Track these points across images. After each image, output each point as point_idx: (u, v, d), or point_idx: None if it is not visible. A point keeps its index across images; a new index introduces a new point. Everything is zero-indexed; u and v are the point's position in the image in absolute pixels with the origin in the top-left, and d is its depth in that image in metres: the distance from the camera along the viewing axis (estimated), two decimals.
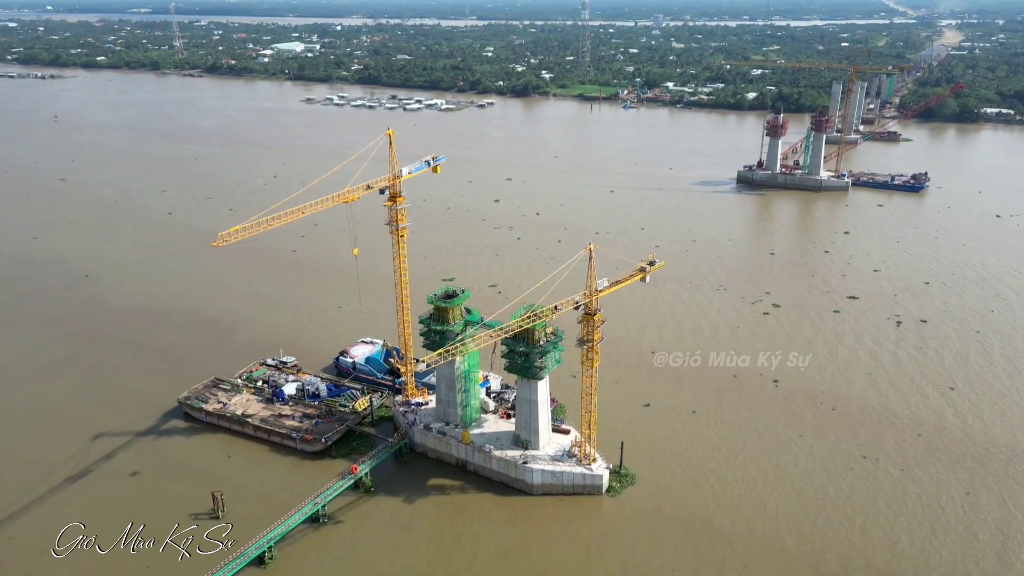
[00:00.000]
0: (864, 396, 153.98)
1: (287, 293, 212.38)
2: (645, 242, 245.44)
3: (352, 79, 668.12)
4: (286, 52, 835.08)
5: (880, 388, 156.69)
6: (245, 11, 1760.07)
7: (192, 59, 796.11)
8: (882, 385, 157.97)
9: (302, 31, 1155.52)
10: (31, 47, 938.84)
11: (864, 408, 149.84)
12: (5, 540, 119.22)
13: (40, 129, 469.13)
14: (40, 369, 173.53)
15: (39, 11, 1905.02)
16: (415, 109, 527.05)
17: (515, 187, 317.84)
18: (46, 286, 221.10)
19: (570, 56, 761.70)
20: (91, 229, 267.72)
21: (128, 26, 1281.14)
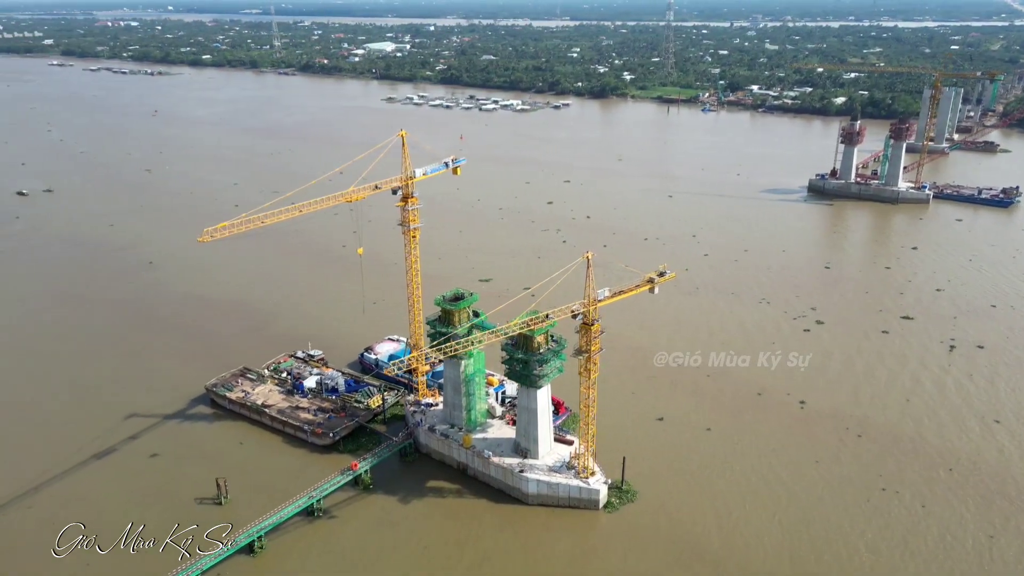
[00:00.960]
0: (897, 424, 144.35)
1: (327, 287, 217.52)
2: (694, 250, 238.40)
3: (435, 79, 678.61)
4: (376, 52, 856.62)
5: (916, 416, 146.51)
6: (348, 12, 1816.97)
7: (288, 58, 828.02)
8: (919, 413, 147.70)
9: (397, 31, 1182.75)
10: (146, 45, 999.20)
11: (895, 436, 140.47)
12: (25, 509, 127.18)
13: (139, 123, 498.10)
14: (91, 348, 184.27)
15: (160, 11, 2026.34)
16: (490, 109, 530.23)
17: (572, 189, 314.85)
18: (113, 271, 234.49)
19: (656, 57, 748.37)
20: (162, 219, 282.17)
21: (237, 26, 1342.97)
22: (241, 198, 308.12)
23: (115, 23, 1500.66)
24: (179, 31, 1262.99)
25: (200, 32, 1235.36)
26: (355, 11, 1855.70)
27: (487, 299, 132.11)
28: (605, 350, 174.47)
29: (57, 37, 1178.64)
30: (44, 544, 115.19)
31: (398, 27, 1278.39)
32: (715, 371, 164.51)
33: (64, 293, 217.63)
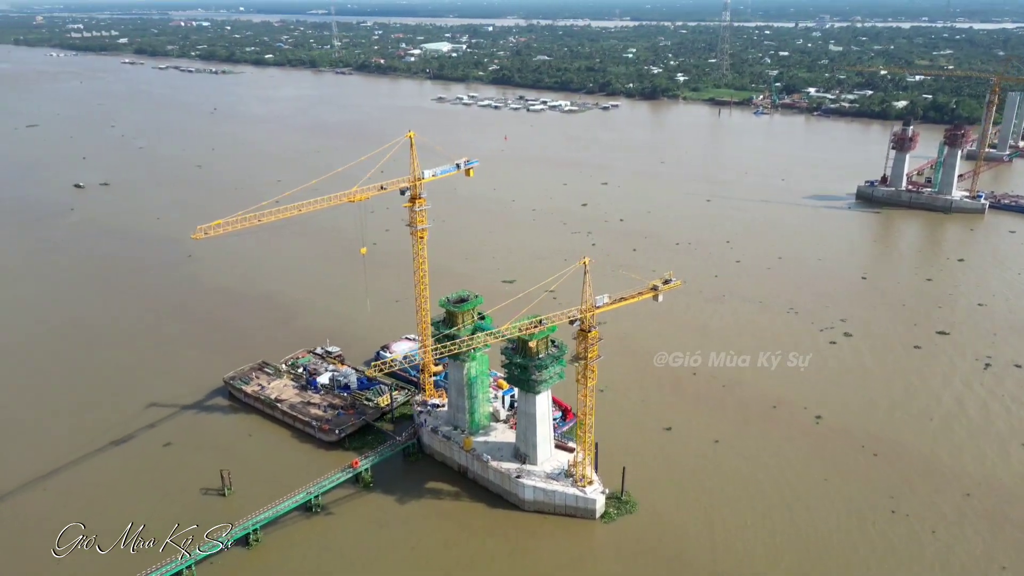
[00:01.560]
0: (916, 444, 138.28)
1: (354, 284, 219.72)
2: (727, 256, 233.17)
3: (487, 79, 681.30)
4: (432, 52, 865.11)
5: (937, 436, 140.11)
6: (411, 12, 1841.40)
7: (346, 58, 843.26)
8: (941, 433, 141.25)
9: (455, 31, 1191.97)
10: (213, 45, 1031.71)
11: (912, 457, 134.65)
12: (34, 494, 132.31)
13: (198, 120, 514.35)
14: (122, 337, 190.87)
15: (232, 11, 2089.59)
16: (538, 110, 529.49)
17: (609, 192, 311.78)
18: (155, 262, 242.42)
19: (712, 59, 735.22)
20: (206, 213, 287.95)
21: (302, 27, 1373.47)
22: (281, 194, 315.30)
23: (187, 23, 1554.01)
24: (247, 31, 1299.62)
25: (266, 32, 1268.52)
26: (418, 11, 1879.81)
27: (508, 301, 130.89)
28: (622, 357, 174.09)
29: (132, 36, 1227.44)
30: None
31: (457, 27, 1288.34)
32: (731, 381, 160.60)
33: (104, 282, 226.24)
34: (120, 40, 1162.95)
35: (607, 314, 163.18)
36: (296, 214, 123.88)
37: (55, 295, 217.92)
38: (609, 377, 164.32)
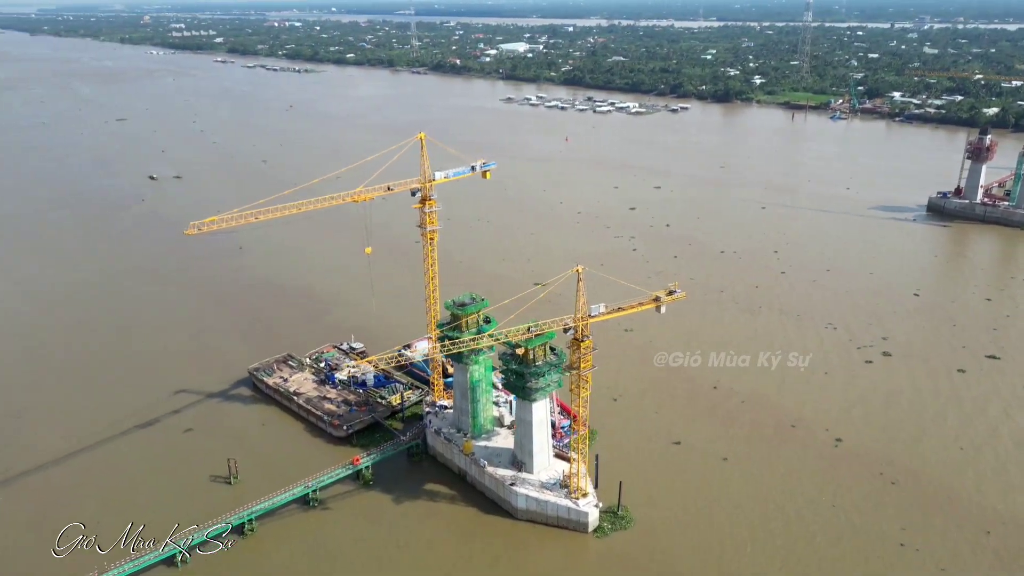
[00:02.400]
0: (938, 473, 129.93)
1: (389, 280, 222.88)
2: (771, 266, 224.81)
3: (559, 80, 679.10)
4: (509, 52, 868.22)
5: (965, 468, 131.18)
6: (496, 12, 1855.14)
7: (423, 58, 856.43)
8: (969, 465, 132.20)
9: (536, 31, 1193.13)
10: (300, 44, 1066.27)
11: (932, 487, 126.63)
12: (62, 469, 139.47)
13: (274, 117, 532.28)
14: (162, 324, 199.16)
15: (324, 11, 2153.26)
16: (605, 111, 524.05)
17: (660, 196, 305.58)
18: (207, 253, 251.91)
19: (795, 61, 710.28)
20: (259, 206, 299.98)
21: (387, 27, 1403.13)
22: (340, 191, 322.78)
23: (280, 23, 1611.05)
24: (334, 31, 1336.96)
25: (352, 32, 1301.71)
26: (503, 11, 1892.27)
27: (533, 304, 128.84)
28: (642, 366, 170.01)
29: (227, 36, 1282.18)
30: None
31: (538, 28, 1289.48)
32: (751, 396, 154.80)
33: (156, 270, 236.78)
34: (216, 39, 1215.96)
35: (632, 321, 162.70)
36: (295, 212, 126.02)
37: (108, 281, 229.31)
38: (625, 385, 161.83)
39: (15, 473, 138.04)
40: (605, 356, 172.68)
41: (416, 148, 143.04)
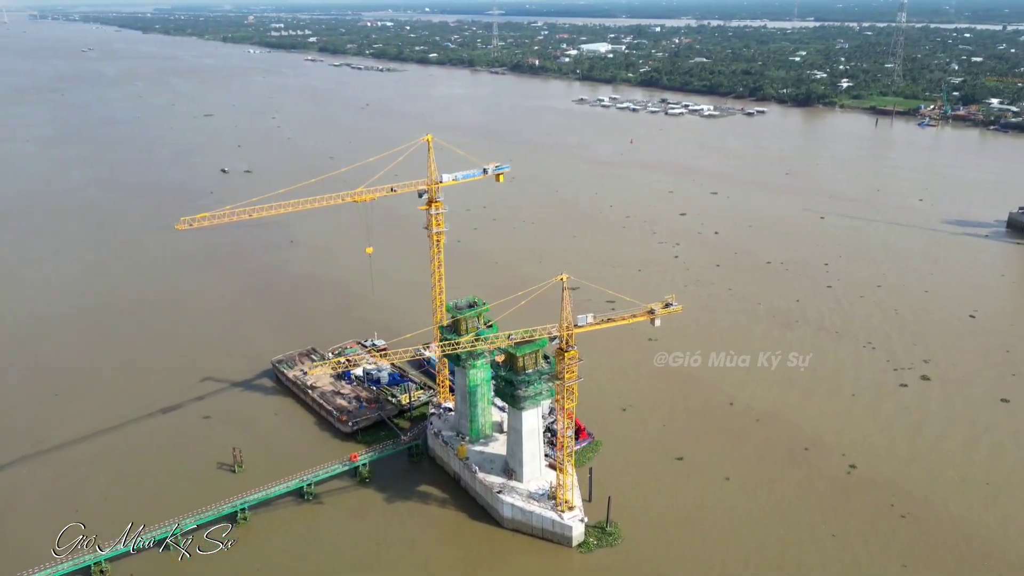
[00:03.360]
0: (955, 508, 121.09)
1: (424, 278, 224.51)
2: (819, 279, 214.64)
3: (635, 81, 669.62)
4: (590, 52, 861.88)
5: (985, 503, 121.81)
6: (586, 12, 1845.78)
7: (502, 58, 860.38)
8: (991, 500, 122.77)
9: (622, 32, 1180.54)
10: (388, 44, 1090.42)
11: (945, 523, 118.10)
12: (80, 448, 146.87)
13: (350, 115, 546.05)
14: (206, 312, 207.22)
15: (419, 12, 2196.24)
16: (677, 114, 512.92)
17: (715, 202, 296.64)
18: (257, 246, 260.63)
19: (889, 63, 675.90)
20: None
21: (474, 27, 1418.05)
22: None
23: (373, 23, 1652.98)
24: (423, 30, 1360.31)
25: (439, 32, 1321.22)
26: (593, 11, 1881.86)
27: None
28: (662, 377, 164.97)
29: (321, 35, 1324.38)
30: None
31: (625, 28, 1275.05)
32: (767, 415, 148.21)
33: (207, 261, 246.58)
34: (310, 39, 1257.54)
35: (658, 331, 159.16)
36: (292, 211, 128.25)
37: (164, 269, 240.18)
38: (638, 395, 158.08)
39: (44, 448, 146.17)
40: (623, 366, 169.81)
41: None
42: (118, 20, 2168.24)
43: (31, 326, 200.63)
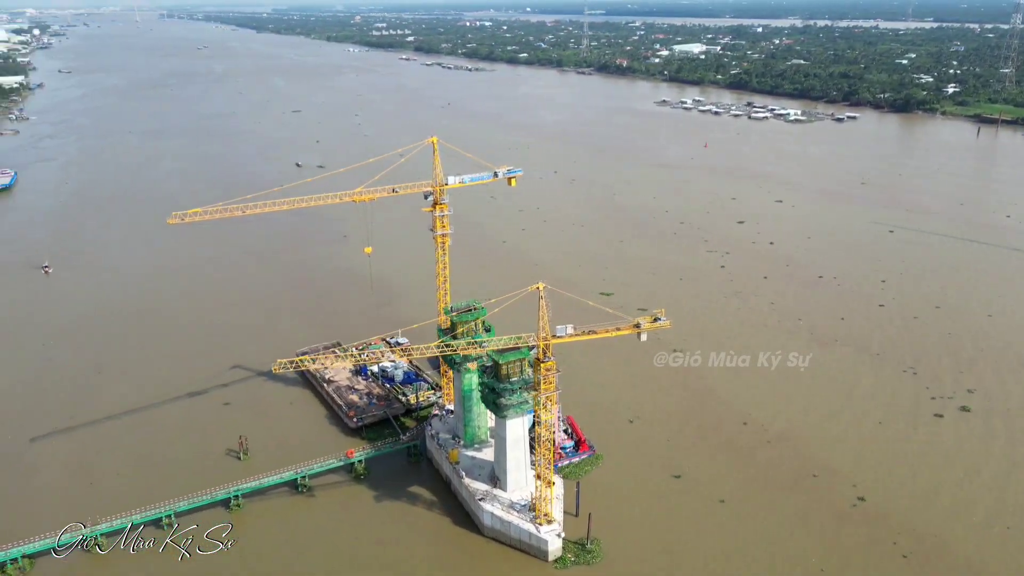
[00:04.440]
0: (965, 551, 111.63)
1: (462, 278, 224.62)
2: (872, 297, 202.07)
3: (724, 83, 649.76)
4: (682, 53, 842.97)
5: (1002, 548, 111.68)
6: (688, 12, 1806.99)
7: (590, 58, 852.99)
8: (1011, 544, 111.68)
9: (721, 32, 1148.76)
10: (481, 43, 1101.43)
11: (950, 567, 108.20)
12: (106, 427, 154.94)
13: (429, 113, 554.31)
14: (248, 300, 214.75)
15: (520, 11, 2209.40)
16: (761, 118, 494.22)
17: (777, 211, 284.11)
18: (313, 239, 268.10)
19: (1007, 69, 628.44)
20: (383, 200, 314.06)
21: (571, 26, 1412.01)
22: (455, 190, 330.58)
23: (472, 23, 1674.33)
24: (519, 30, 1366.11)
25: (535, 31, 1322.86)
26: (696, 11, 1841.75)
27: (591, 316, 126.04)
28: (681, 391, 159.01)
29: (420, 34, 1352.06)
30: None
31: (725, 28, 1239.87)
32: (779, 437, 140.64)
33: (261, 252, 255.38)
34: (408, 38, 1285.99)
35: (684, 343, 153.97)
36: (287, 208, 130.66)
37: (220, 258, 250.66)
38: (650, 408, 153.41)
39: (74, 423, 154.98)
40: (642, 377, 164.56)
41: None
42: (236, 19, 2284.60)
43: (91, 307, 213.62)
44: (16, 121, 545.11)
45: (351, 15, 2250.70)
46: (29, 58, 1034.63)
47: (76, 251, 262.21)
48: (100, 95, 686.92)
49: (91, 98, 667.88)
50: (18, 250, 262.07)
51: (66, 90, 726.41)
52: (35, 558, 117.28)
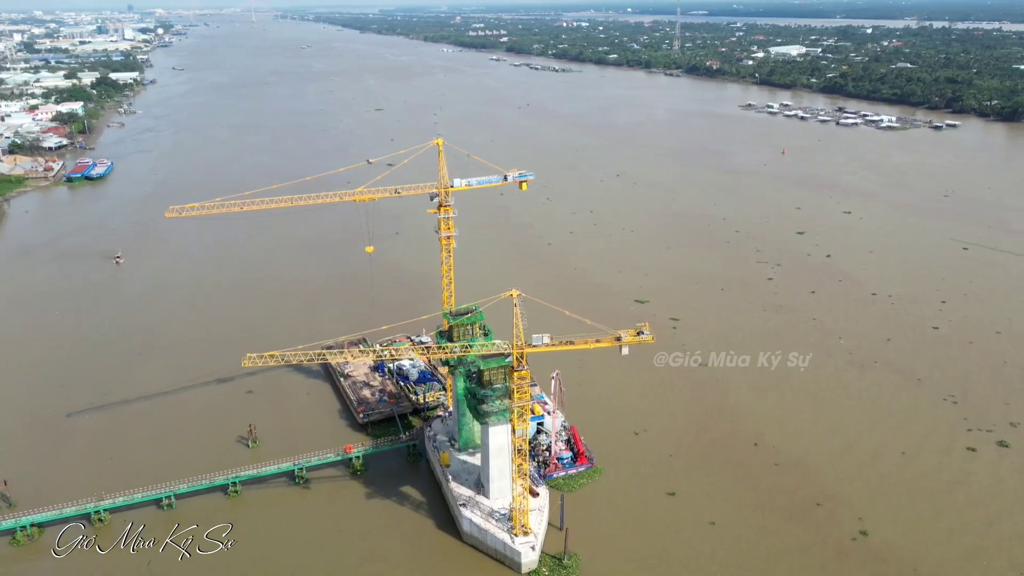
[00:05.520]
0: None
1: (497, 278, 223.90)
2: (927, 319, 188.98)
3: (817, 87, 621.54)
4: (779, 55, 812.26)
5: None
6: (796, 13, 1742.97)
7: (680, 60, 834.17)
8: None
9: (826, 34, 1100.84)
10: (573, 44, 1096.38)
11: None
12: (132, 406, 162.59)
13: (507, 113, 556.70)
14: (292, 291, 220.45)
15: (620, 11, 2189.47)
16: (850, 124, 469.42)
17: (844, 223, 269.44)
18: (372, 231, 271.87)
19: None
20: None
21: (668, 27, 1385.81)
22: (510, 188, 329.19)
23: (569, 23, 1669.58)
24: (614, 31, 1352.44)
25: (631, 32, 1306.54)
26: (804, 12, 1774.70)
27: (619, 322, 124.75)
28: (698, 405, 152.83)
29: (515, 35, 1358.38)
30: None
31: (831, 29, 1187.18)
32: (790, 462, 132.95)
33: (314, 245, 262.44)
34: (502, 39, 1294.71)
35: None
36: (287, 206, 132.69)
37: (274, 250, 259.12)
38: (659, 421, 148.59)
39: (106, 401, 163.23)
40: (658, 388, 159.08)
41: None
42: (343, 20, 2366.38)
43: (148, 290, 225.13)
44: (124, 115, 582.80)
45: (453, 15, 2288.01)
46: (148, 56, 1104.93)
47: (147, 237, 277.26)
48: (203, 91, 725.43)
49: (195, 94, 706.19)
50: (98, 237, 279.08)
51: (175, 86, 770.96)
52: (44, 527, 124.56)
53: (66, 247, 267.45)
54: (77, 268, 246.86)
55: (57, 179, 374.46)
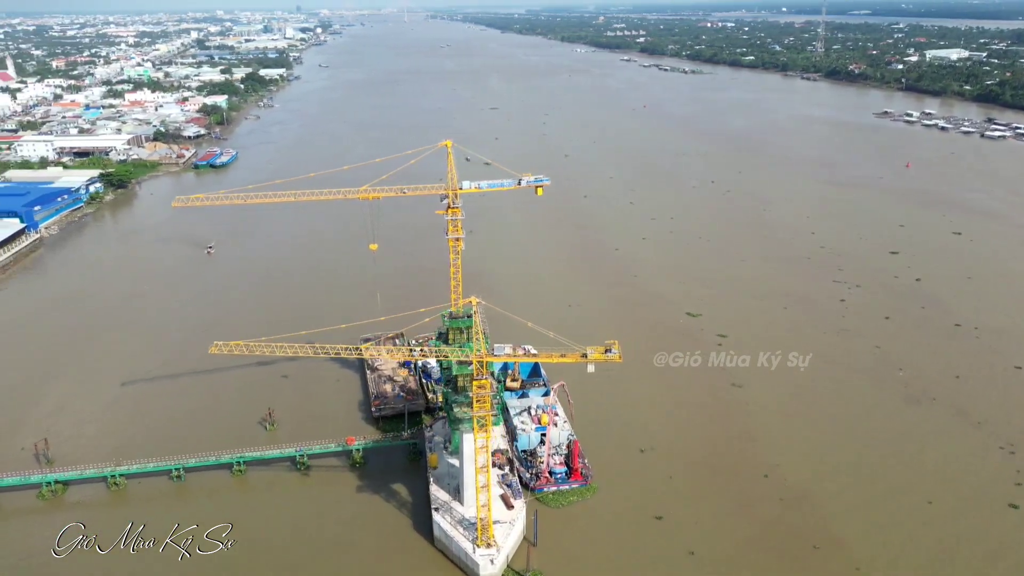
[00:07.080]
0: None
1: (552, 282, 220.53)
2: (1010, 356, 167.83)
3: (970, 95, 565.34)
4: (935, 59, 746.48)
5: None
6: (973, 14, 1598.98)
7: (819, 63, 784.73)
8: None
9: (1002, 37, 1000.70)
10: (710, 45, 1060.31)
11: None
12: (178, 378, 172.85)
13: (621, 115, 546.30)
14: (354, 284, 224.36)
15: (774, 11, 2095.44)
16: (997, 137, 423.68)
17: (950, 244, 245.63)
18: (423, 233, 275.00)
19: None
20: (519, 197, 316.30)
21: (819, 28, 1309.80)
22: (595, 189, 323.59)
23: (713, 24, 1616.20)
24: (759, 32, 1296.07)
25: (777, 33, 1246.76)
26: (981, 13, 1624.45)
27: (671, 337, 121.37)
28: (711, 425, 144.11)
29: (653, 35, 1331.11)
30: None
31: (1009, 32, 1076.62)
32: (797, 497, 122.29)
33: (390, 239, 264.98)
34: (639, 39, 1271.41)
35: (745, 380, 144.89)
36: (292, 201, 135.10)
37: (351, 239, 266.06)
38: (671, 441, 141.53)
39: (162, 374, 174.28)
40: (681, 405, 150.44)
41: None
42: (487, 20, 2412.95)
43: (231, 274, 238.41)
44: (263, 108, 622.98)
45: (597, 15, 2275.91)
46: (301, 54, 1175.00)
47: (241, 223, 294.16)
48: (339, 88, 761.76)
49: (330, 91, 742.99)
50: (194, 223, 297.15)
51: (315, 83, 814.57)
52: (68, 484, 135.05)
53: (169, 233, 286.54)
54: (171, 254, 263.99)
55: (186, 166, 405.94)
